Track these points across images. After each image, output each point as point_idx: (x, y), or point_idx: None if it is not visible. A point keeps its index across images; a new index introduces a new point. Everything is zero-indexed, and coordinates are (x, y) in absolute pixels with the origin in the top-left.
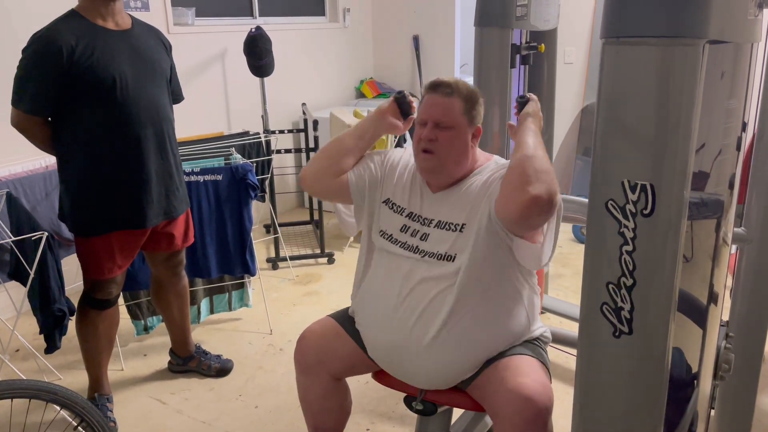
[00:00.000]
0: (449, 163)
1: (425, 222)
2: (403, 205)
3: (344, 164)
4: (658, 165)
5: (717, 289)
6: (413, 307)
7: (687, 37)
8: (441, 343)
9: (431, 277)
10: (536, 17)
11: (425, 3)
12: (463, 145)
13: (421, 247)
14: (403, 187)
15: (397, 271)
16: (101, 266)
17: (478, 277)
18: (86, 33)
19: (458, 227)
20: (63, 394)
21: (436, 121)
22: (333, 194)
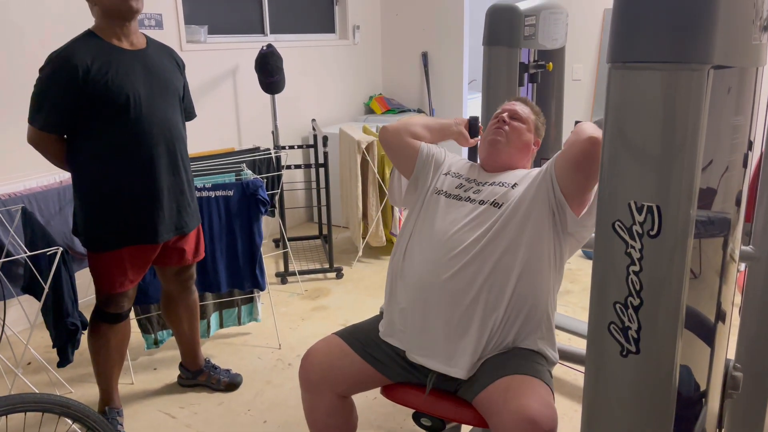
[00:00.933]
0: (512, 146)
1: (480, 183)
2: (461, 173)
3: (421, 133)
4: (664, 187)
5: (725, 307)
6: (455, 246)
7: (692, 63)
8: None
9: (476, 219)
10: (544, 37)
11: (434, 20)
12: (527, 140)
13: (472, 197)
14: (463, 166)
15: (446, 215)
16: (113, 281)
17: (517, 226)
18: (102, 53)
19: (510, 185)
20: (75, 407)
21: (513, 113)
22: (402, 150)
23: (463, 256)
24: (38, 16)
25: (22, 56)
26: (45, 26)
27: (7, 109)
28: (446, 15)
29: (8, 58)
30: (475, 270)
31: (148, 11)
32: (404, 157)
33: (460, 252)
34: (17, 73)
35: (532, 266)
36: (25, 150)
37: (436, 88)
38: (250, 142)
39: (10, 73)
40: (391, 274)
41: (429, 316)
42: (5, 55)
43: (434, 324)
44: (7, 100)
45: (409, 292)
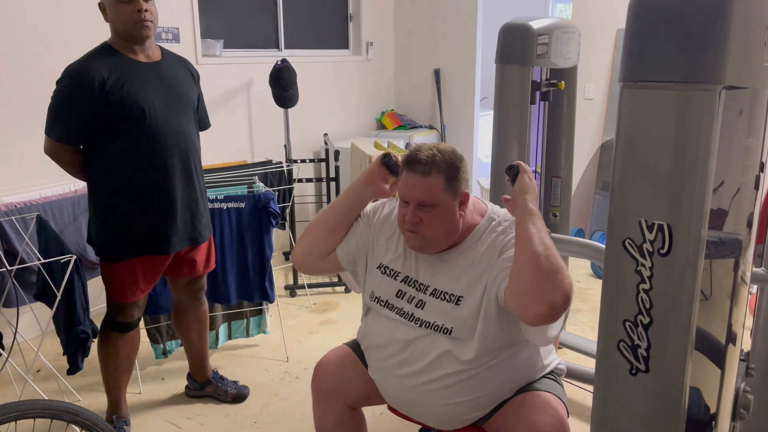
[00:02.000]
0: (437, 240)
1: (421, 288)
2: (397, 269)
3: (332, 242)
4: (675, 206)
5: (735, 329)
6: (416, 369)
7: (704, 83)
8: (451, 395)
9: (432, 345)
10: (557, 55)
11: (447, 37)
12: (450, 219)
13: (417, 316)
14: (396, 248)
15: (395, 334)
16: (124, 290)
17: (486, 350)
18: (117, 66)
19: (454, 299)
20: (84, 415)
21: (418, 202)
22: (326, 271)
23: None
24: (57, 26)
25: (40, 67)
26: (64, 37)
27: (24, 119)
28: (459, 32)
29: (26, 68)
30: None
31: (165, 25)
32: (331, 271)
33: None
34: (35, 83)
35: (504, 362)
36: (40, 159)
37: (448, 105)
38: (263, 155)
39: (27, 83)
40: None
41: (418, 414)
42: (23, 65)
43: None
44: (23, 110)
45: (390, 399)
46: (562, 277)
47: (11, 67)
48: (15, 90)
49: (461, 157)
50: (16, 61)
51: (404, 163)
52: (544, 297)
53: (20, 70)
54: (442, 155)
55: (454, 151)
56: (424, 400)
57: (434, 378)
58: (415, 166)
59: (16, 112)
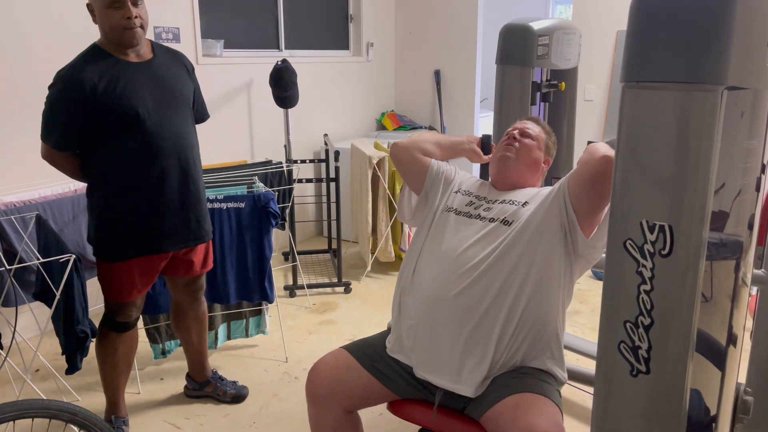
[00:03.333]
0: (522, 164)
1: (490, 201)
2: (472, 191)
3: (432, 150)
4: (676, 206)
5: (736, 331)
6: (464, 263)
7: (706, 83)
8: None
9: (485, 236)
10: (557, 56)
11: (447, 39)
12: (537, 158)
13: (482, 215)
14: (473, 184)
15: (456, 232)
16: (121, 290)
17: (526, 244)
18: (109, 68)
19: (520, 203)
20: (83, 415)
21: (524, 130)
22: (413, 166)
23: (472, 273)
24: (51, 27)
25: (39, 66)
26: (62, 36)
27: (23, 119)
28: (459, 34)
29: (25, 68)
30: (484, 287)
31: (165, 25)
32: (414, 173)
33: (470, 269)
34: (33, 82)
35: (541, 285)
36: (39, 159)
37: (448, 106)
38: (263, 155)
39: (25, 82)
40: (399, 290)
41: (438, 332)
42: (22, 65)
43: (443, 341)
44: (22, 109)
45: (418, 309)
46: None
47: (9, 67)
48: (13, 89)
49: (555, 141)
50: (14, 60)
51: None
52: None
53: (18, 69)
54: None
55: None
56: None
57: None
58: (532, 119)
59: (14, 112)
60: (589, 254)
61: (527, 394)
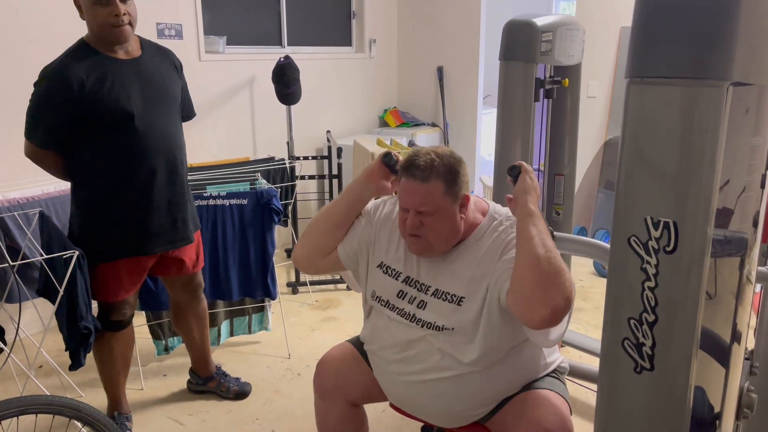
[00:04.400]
0: (438, 244)
1: (422, 288)
2: (398, 269)
3: (333, 240)
4: (681, 203)
5: (740, 328)
6: (418, 368)
7: (711, 79)
8: (454, 394)
9: (434, 345)
10: (560, 53)
11: (450, 35)
12: (451, 223)
13: (419, 317)
14: (397, 247)
15: (397, 334)
16: (107, 290)
17: (488, 350)
18: (96, 65)
19: (456, 299)
20: (86, 411)
21: (418, 209)
22: (328, 270)
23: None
24: (52, 22)
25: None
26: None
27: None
28: (462, 30)
29: (25, 64)
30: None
31: (168, 21)
32: (332, 270)
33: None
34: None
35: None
36: None
37: (451, 103)
38: (265, 151)
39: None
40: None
41: (420, 412)
42: (23, 61)
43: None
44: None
45: (392, 397)
46: (564, 280)
47: (10, 63)
48: (14, 85)
49: (460, 160)
50: (15, 56)
51: (402, 170)
52: (545, 300)
53: (19, 65)
54: (440, 160)
55: (453, 154)
56: (427, 399)
57: (436, 378)
58: (414, 171)
59: (16, 108)
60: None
61: (534, 390)
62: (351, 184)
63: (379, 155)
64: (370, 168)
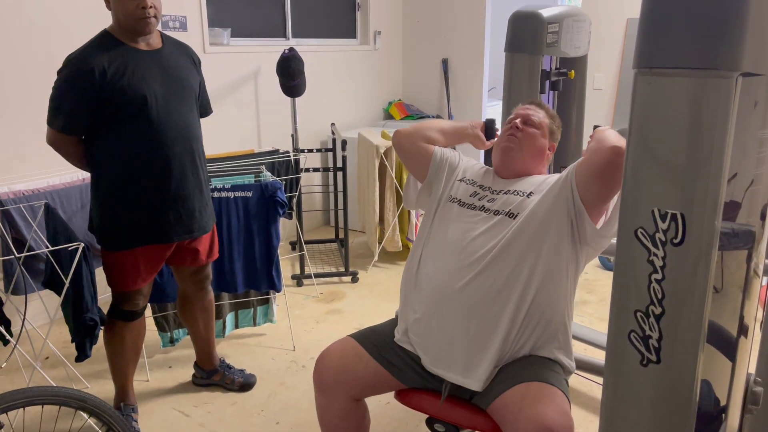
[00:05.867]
0: (526, 153)
1: (494, 191)
2: (476, 180)
3: (435, 137)
4: (688, 195)
5: (747, 322)
6: (470, 256)
7: (720, 69)
8: (477, 282)
9: (490, 229)
10: (567, 44)
11: (455, 27)
12: (541, 146)
13: (487, 207)
14: (477, 172)
15: (460, 224)
16: (126, 279)
17: (532, 236)
18: (118, 55)
19: (525, 194)
20: (92, 402)
21: (527, 118)
22: (416, 154)
23: (477, 265)
24: (60, 14)
25: (46, 55)
26: (67, 25)
27: (31, 108)
28: (467, 22)
29: (32, 57)
30: (490, 280)
31: (172, 13)
32: (417, 160)
33: (475, 261)
34: (41, 71)
35: (548, 277)
36: (48, 147)
37: (456, 95)
38: (270, 144)
39: (33, 72)
40: (405, 283)
41: (444, 327)
42: (29, 54)
43: (449, 335)
44: (30, 98)
45: (424, 303)
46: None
47: (17, 56)
48: (21, 78)
49: (560, 125)
50: (21, 49)
51: (522, 103)
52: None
53: (26, 59)
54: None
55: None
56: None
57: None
58: (532, 102)
59: (22, 101)
60: (596, 243)
61: (535, 383)
62: (458, 122)
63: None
64: (475, 122)
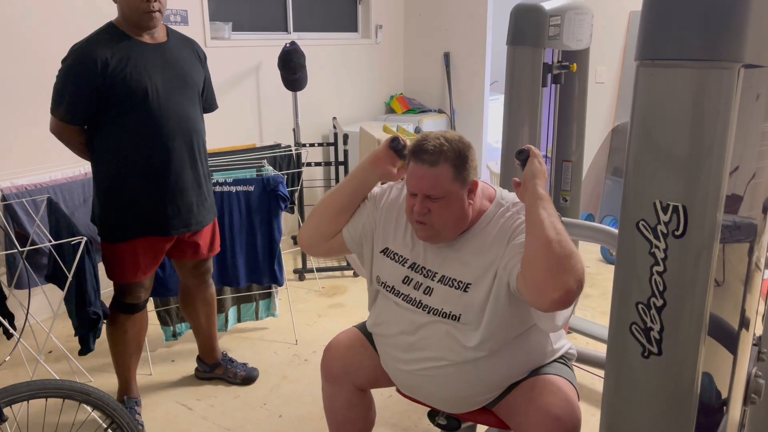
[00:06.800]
0: (446, 230)
1: (429, 275)
2: (405, 255)
3: (338, 223)
4: (691, 187)
5: (749, 314)
6: (424, 355)
7: (723, 61)
8: (460, 380)
9: (439, 332)
10: (569, 37)
11: (457, 20)
12: (459, 208)
13: (425, 302)
14: (404, 233)
15: (402, 321)
16: (125, 270)
17: (494, 336)
18: (122, 46)
19: (462, 286)
20: (95, 395)
21: (426, 194)
22: (333, 253)
23: (433, 370)
24: (62, 10)
25: (47, 50)
26: (69, 20)
27: (33, 103)
28: (469, 15)
29: (33, 52)
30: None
31: (174, 7)
32: (337, 254)
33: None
34: (42, 66)
35: (513, 344)
36: (50, 142)
37: (458, 89)
38: (271, 138)
39: (34, 66)
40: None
41: (428, 397)
42: (30, 49)
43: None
44: (32, 93)
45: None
46: (575, 262)
47: (19, 51)
48: (22, 73)
49: (469, 145)
50: (23, 44)
51: (411, 153)
52: (558, 283)
53: (27, 53)
54: (449, 144)
55: (462, 139)
56: (434, 386)
57: (442, 365)
58: (422, 156)
59: (25, 96)
60: None
61: (541, 376)
62: (356, 168)
63: (386, 140)
64: (376, 153)
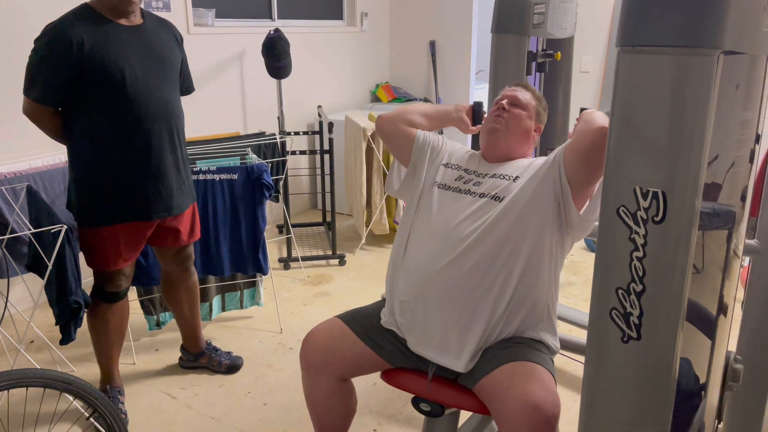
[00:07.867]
0: (512, 135)
1: (480, 175)
2: (461, 164)
3: (417, 121)
4: (670, 173)
5: (727, 301)
6: (455, 239)
7: (702, 47)
8: (471, 282)
9: (476, 211)
10: (553, 25)
11: (442, 9)
12: (527, 127)
13: (473, 190)
14: (462, 156)
15: (446, 208)
16: (106, 257)
17: (518, 220)
18: (97, 28)
19: (512, 178)
20: (77, 384)
21: (513, 99)
22: (397, 137)
23: (464, 250)
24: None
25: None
26: (39, 2)
27: (11, 89)
28: (455, 4)
29: (9, 38)
30: (474, 263)
31: None
32: (399, 144)
33: (461, 245)
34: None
35: (533, 259)
36: (30, 130)
37: (443, 78)
38: (256, 126)
39: (11, 52)
40: (391, 266)
41: (429, 309)
42: (8, 33)
43: (435, 318)
44: (10, 79)
45: (410, 286)
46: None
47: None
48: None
49: (546, 107)
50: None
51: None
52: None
53: (4, 38)
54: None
55: None
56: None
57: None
58: (518, 84)
59: (2, 82)
60: (581, 227)
61: (521, 362)
62: (442, 105)
63: (472, 103)
64: (461, 105)
